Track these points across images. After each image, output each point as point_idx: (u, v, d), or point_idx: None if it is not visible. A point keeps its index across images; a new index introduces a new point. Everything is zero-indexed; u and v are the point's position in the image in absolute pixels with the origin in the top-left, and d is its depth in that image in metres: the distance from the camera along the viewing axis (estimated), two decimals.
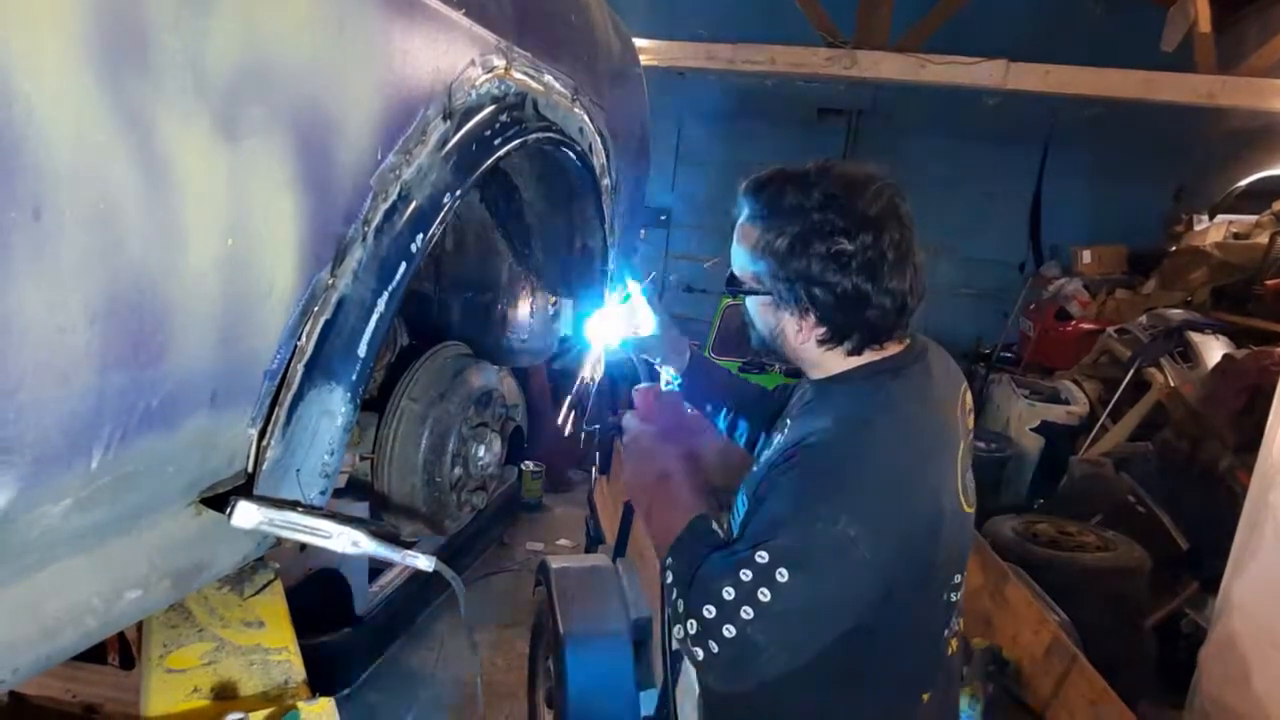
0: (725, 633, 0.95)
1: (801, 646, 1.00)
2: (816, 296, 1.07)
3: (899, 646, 1.10)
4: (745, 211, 1.13)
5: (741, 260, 1.15)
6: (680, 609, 1.01)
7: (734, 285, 1.17)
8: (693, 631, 0.98)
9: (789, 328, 1.12)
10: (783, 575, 0.94)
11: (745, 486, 1.17)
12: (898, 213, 1.07)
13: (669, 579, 1.06)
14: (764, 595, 0.94)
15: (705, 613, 0.97)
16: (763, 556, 0.95)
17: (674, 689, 1.41)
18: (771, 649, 0.96)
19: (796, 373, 1.23)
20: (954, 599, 1.14)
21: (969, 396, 1.23)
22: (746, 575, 0.95)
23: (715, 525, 1.11)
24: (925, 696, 1.15)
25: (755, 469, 1.18)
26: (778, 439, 1.17)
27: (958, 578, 1.14)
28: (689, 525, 1.09)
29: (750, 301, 1.16)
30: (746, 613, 0.94)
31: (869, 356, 1.12)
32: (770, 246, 1.09)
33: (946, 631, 1.16)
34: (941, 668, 1.18)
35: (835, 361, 1.13)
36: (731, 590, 0.95)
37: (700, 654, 0.98)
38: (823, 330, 1.09)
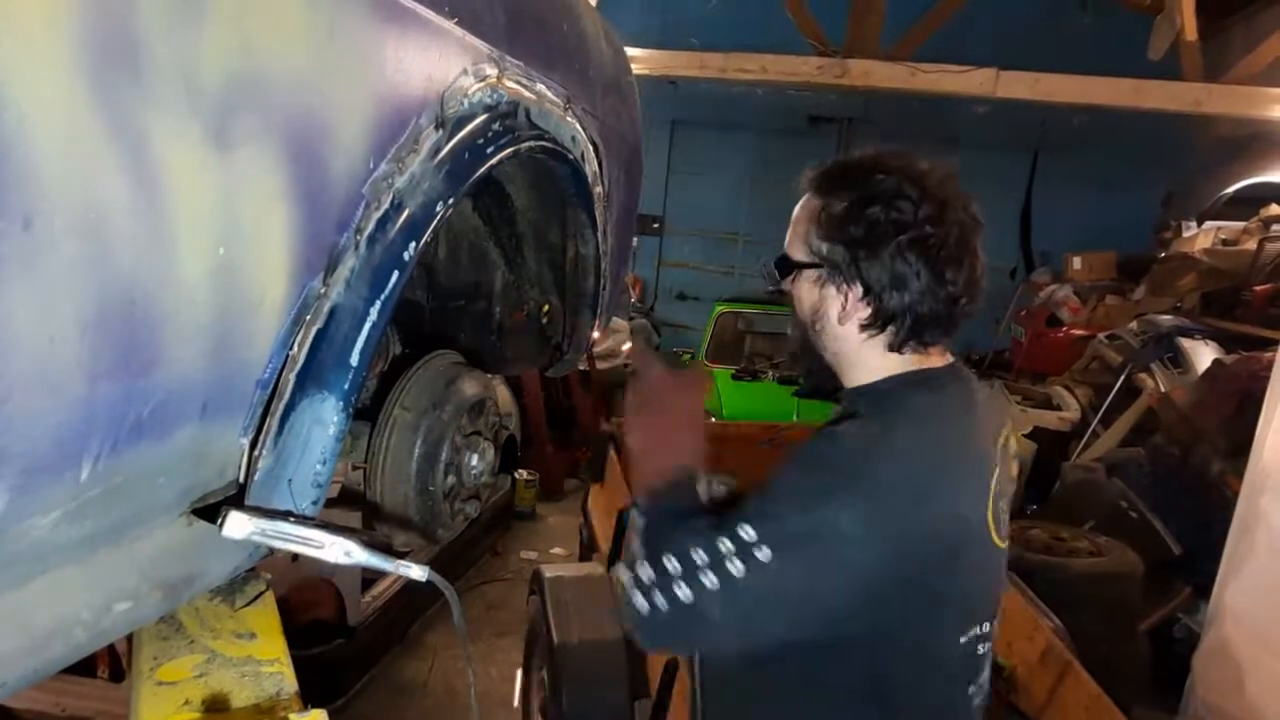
0: (678, 592, 0.90)
1: (754, 634, 0.95)
2: (866, 267, 1.01)
3: (907, 687, 1.01)
4: (807, 188, 1.09)
5: (794, 236, 1.09)
6: (637, 553, 0.96)
7: (782, 263, 1.10)
8: (645, 580, 0.93)
9: (833, 307, 1.05)
10: (763, 554, 0.88)
11: None
12: (965, 202, 1.03)
13: (638, 521, 1.00)
14: (735, 569, 0.89)
15: (665, 565, 0.91)
16: (748, 532, 0.90)
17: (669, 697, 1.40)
18: (723, 626, 0.92)
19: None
20: (980, 650, 1.04)
21: (1014, 441, 1.16)
22: (725, 546, 0.90)
23: (701, 488, 1.05)
24: None
25: None
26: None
27: (986, 626, 1.04)
28: (675, 478, 1.03)
29: (799, 284, 1.10)
30: (710, 581, 0.89)
31: (909, 361, 1.06)
32: (827, 210, 1.04)
33: (972, 688, 1.06)
34: None
35: (874, 357, 1.06)
36: (703, 555, 0.90)
37: (643, 605, 0.92)
38: (867, 311, 1.03)
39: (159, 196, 0.65)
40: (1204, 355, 4.39)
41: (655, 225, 9.28)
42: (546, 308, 1.71)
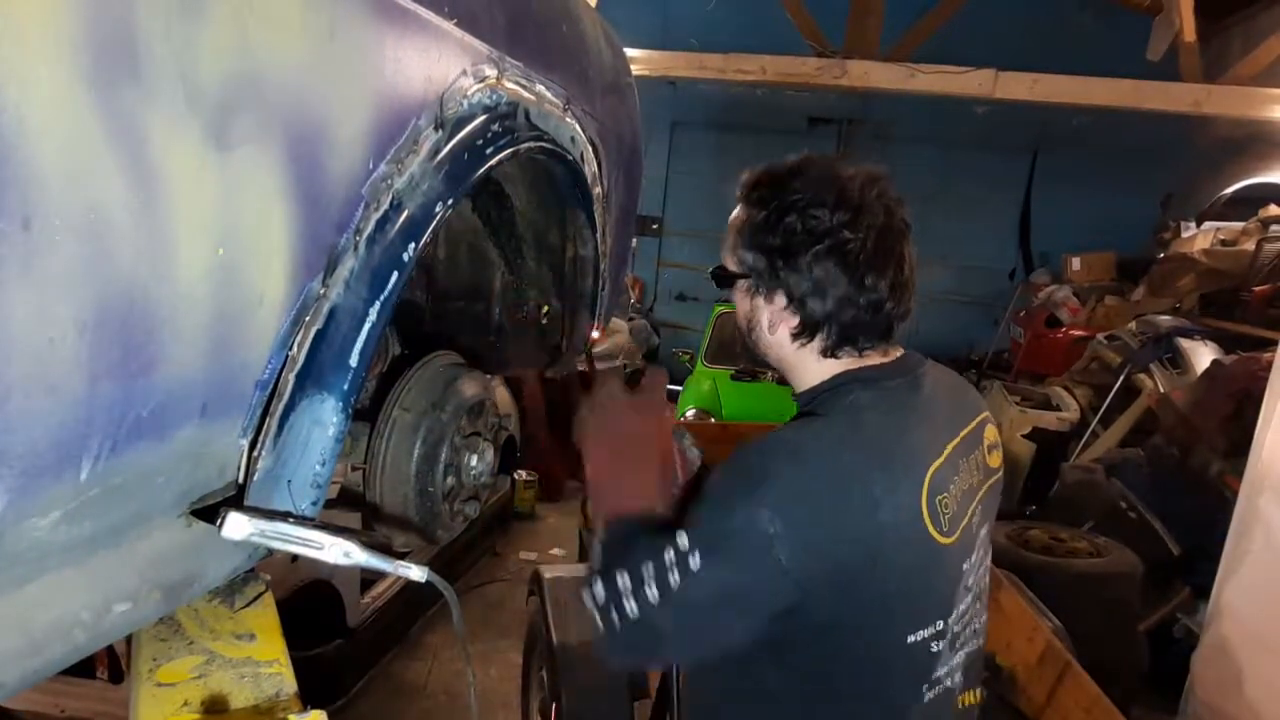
0: (627, 608, 0.92)
1: (700, 643, 0.97)
2: (785, 276, 1.02)
3: (856, 688, 1.01)
4: (738, 199, 1.10)
5: (726, 245, 1.11)
6: (592, 572, 0.98)
7: (719, 273, 1.12)
8: (599, 598, 0.95)
9: (763, 316, 1.07)
10: (695, 562, 0.90)
11: None
12: (886, 206, 1.03)
13: (597, 546, 1.02)
14: (673, 579, 0.90)
15: (617, 585, 0.93)
16: (683, 540, 0.91)
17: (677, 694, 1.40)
18: (672, 637, 0.94)
19: (787, 381, 1.21)
20: (935, 648, 1.02)
21: (990, 431, 1.15)
22: (668, 557, 0.91)
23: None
24: None
25: None
26: None
27: (940, 624, 1.02)
28: (642, 516, 1.03)
29: (736, 294, 1.12)
30: (652, 594, 0.91)
31: (845, 364, 1.06)
32: (750, 222, 1.06)
33: (925, 686, 1.03)
34: None
35: (810, 364, 1.07)
36: (649, 568, 0.92)
37: (599, 623, 0.95)
38: (795, 320, 1.04)
39: (158, 197, 0.65)
40: (1203, 356, 4.40)
41: (654, 226, 9.29)
42: (546, 308, 1.71)
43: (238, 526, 0.79)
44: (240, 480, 0.85)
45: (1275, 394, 2.51)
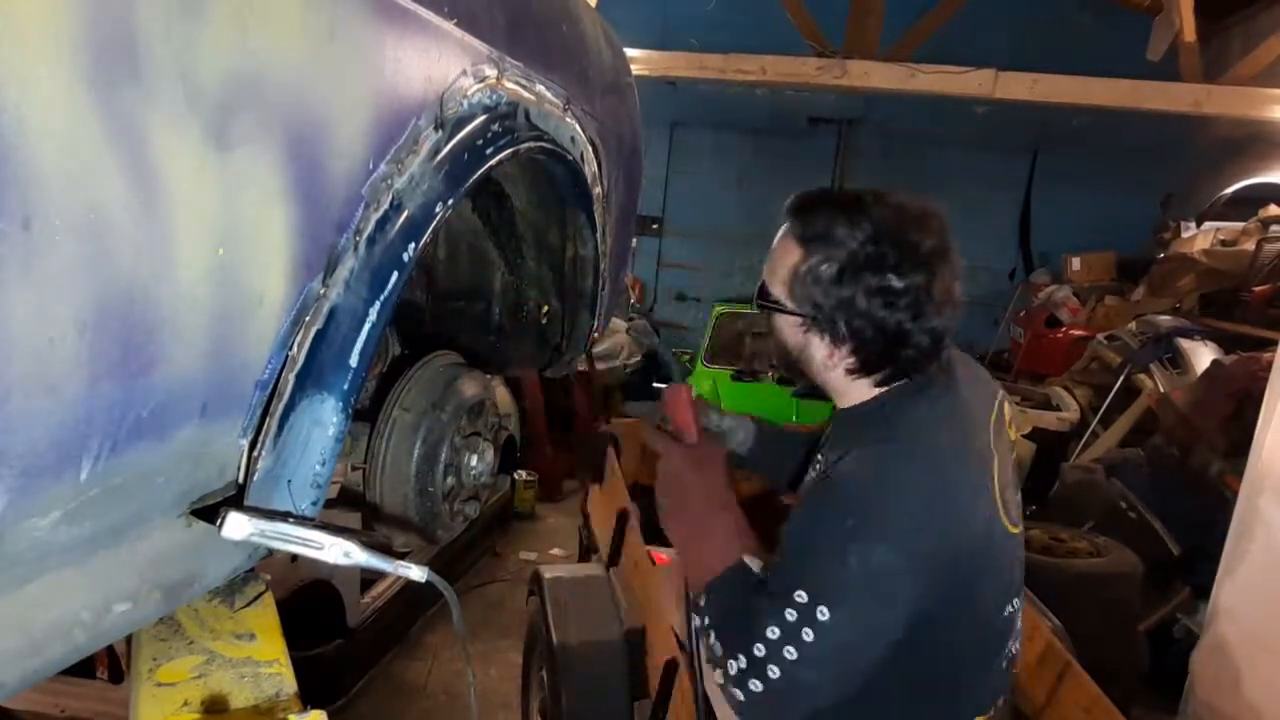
0: (770, 673, 0.94)
1: (848, 678, 0.99)
2: (856, 328, 1.04)
3: (949, 668, 1.08)
4: (790, 230, 1.10)
5: (778, 278, 1.11)
6: (719, 651, 1.00)
7: (765, 298, 1.13)
8: (733, 673, 0.97)
9: (818, 353, 1.09)
10: (824, 614, 0.93)
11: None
12: (949, 251, 1.05)
13: (706, 620, 1.04)
14: (808, 635, 0.93)
15: (752, 652, 0.95)
16: (801, 596, 0.94)
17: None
18: (819, 684, 0.96)
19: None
20: (1016, 620, 1.12)
21: (1007, 406, 1.19)
22: (791, 615, 0.94)
23: (753, 565, 1.07)
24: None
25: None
26: (811, 475, 1.16)
27: (1016, 601, 1.11)
28: (728, 570, 1.05)
29: (780, 318, 1.13)
30: (790, 653, 0.93)
31: (896, 383, 1.10)
32: (814, 271, 1.05)
33: (1001, 659, 1.13)
34: (999, 691, 1.15)
35: (863, 390, 1.10)
36: (776, 630, 0.94)
37: (741, 695, 0.97)
38: (853, 360, 1.07)
39: (158, 197, 0.65)
40: (1203, 356, 4.39)
41: (654, 226, 9.29)
42: (546, 309, 1.71)
43: (238, 526, 0.79)
44: (240, 480, 0.85)
45: (1275, 394, 2.51)
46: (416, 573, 0.91)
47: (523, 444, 5.33)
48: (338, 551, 0.85)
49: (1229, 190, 6.59)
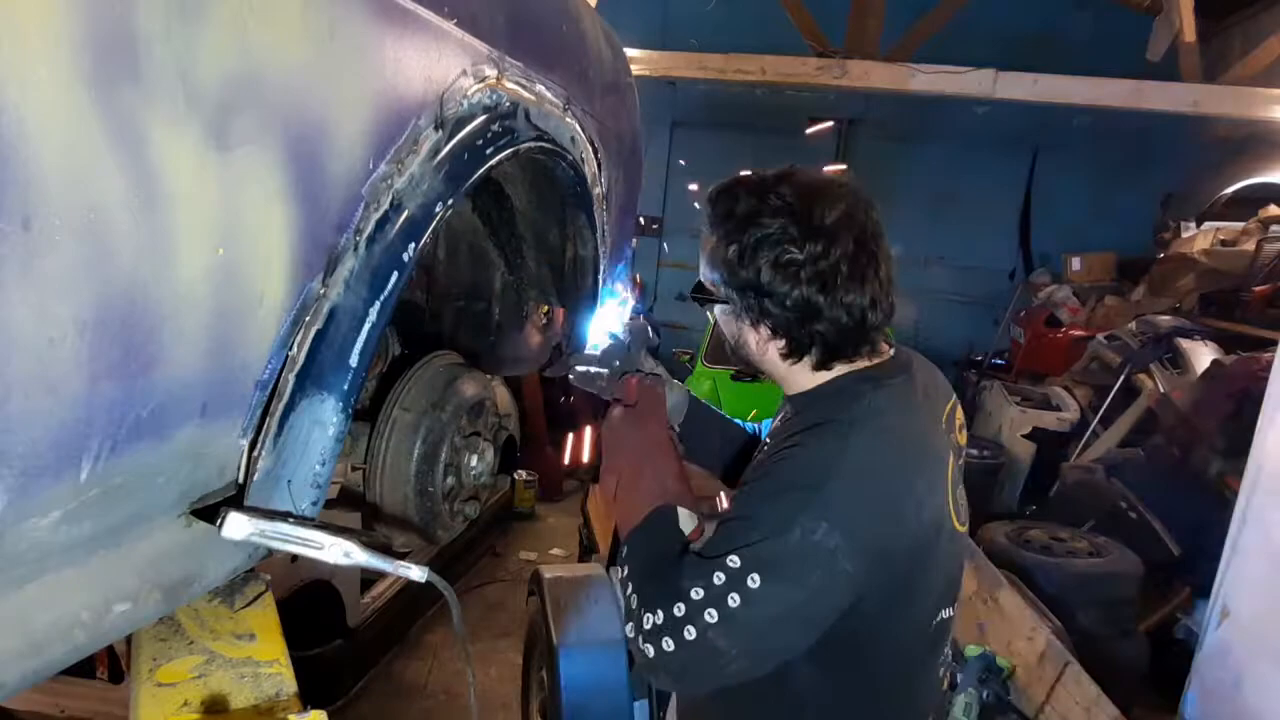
0: (686, 634, 0.92)
1: (766, 654, 0.97)
2: (767, 308, 1.04)
3: (885, 675, 1.06)
4: (706, 217, 1.11)
5: (704, 267, 1.12)
6: (635, 604, 0.98)
7: (699, 293, 1.14)
8: (647, 627, 0.95)
9: (749, 338, 1.10)
10: (754, 581, 0.91)
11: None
12: (856, 222, 1.03)
13: (625, 571, 1.03)
14: (733, 600, 0.91)
15: (669, 610, 0.94)
16: (734, 561, 0.92)
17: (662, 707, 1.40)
18: (733, 654, 0.93)
19: None
20: (947, 628, 1.10)
21: (959, 412, 1.19)
22: (719, 579, 0.92)
23: (683, 518, 1.07)
24: None
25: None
26: (759, 457, 1.13)
27: (950, 609, 1.10)
28: (649, 516, 1.06)
29: (717, 310, 1.13)
30: (711, 615, 0.91)
31: (842, 369, 1.08)
32: (724, 255, 1.06)
33: (939, 659, 1.12)
34: (929, 699, 1.14)
35: (804, 376, 1.10)
36: (700, 591, 0.93)
37: (651, 651, 0.95)
38: (781, 343, 1.07)
39: (158, 197, 0.65)
40: (1203, 356, 4.40)
41: (654, 226, 9.29)
42: (546, 308, 1.71)
43: (238, 526, 0.79)
44: (240, 480, 0.85)
45: (1275, 394, 2.51)
46: (416, 573, 0.91)
47: (523, 444, 5.33)
48: (338, 551, 0.85)
49: (1229, 190, 6.59)
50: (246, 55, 0.73)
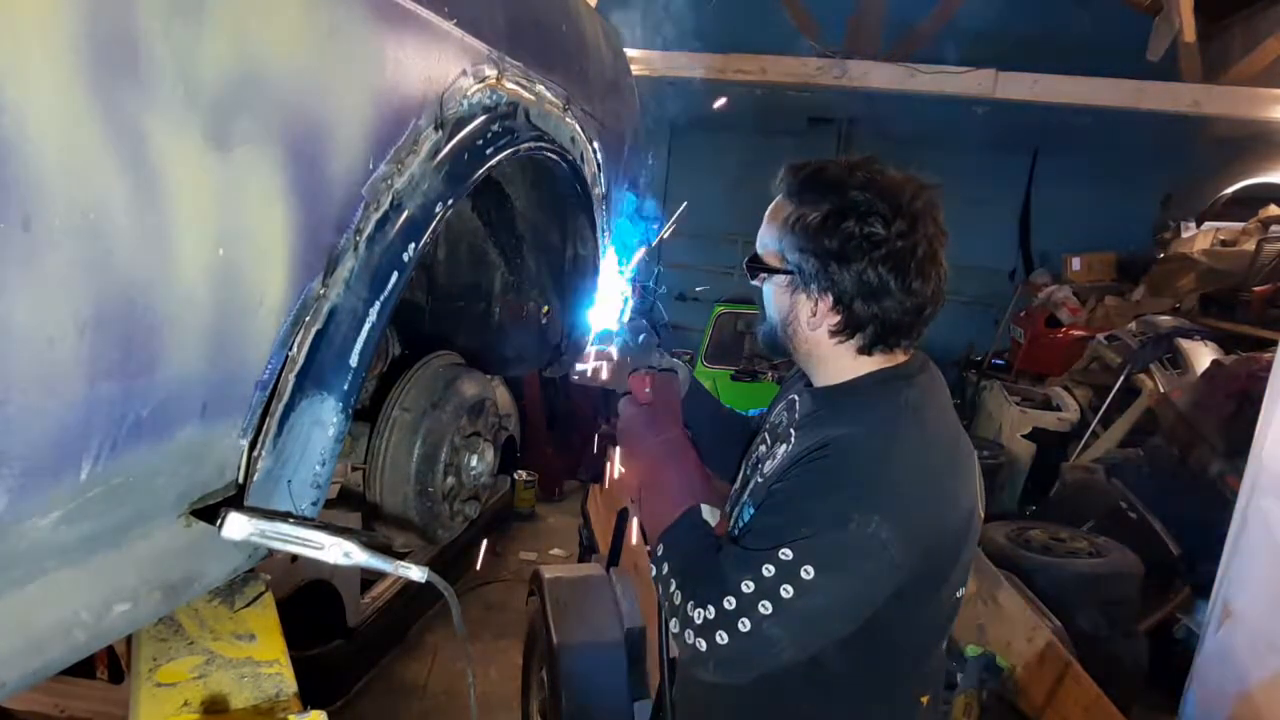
0: (740, 626, 0.95)
1: (813, 641, 1.01)
2: (839, 278, 1.05)
3: (906, 650, 1.11)
4: (782, 188, 1.12)
5: (768, 237, 1.13)
6: (679, 600, 1.01)
7: (755, 265, 1.15)
8: (699, 622, 0.98)
9: (803, 312, 1.10)
10: (808, 572, 0.94)
11: (750, 498, 1.14)
12: (935, 215, 1.08)
13: (664, 569, 1.05)
14: (786, 591, 0.94)
15: (719, 604, 0.96)
16: (787, 554, 0.95)
17: (670, 694, 1.41)
18: (785, 643, 0.97)
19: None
20: (957, 608, 1.15)
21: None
22: (769, 570, 0.95)
23: (707, 516, 1.10)
24: (925, 700, 1.16)
25: (758, 480, 1.16)
26: (783, 449, 1.13)
27: (963, 589, 1.15)
28: (681, 517, 1.08)
29: (767, 287, 1.15)
30: (765, 607, 0.94)
31: (877, 362, 1.11)
32: (802, 220, 1.07)
33: (944, 641, 1.18)
34: (941, 673, 1.20)
35: (844, 361, 1.11)
36: (750, 584, 0.95)
37: (703, 645, 0.98)
38: (837, 319, 1.08)
39: (158, 197, 0.65)
40: (1203, 356, 4.40)
41: (654, 226, 9.29)
42: (546, 308, 1.71)
43: (238, 527, 0.79)
44: (240, 480, 0.85)
45: (1275, 394, 2.51)
46: (416, 573, 0.91)
47: (523, 444, 5.33)
48: (338, 551, 0.85)
49: (1229, 190, 6.59)
50: (247, 55, 0.73)
